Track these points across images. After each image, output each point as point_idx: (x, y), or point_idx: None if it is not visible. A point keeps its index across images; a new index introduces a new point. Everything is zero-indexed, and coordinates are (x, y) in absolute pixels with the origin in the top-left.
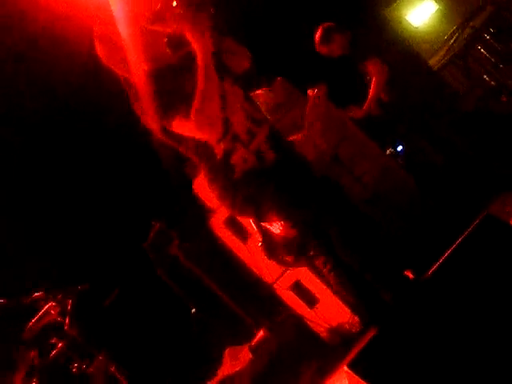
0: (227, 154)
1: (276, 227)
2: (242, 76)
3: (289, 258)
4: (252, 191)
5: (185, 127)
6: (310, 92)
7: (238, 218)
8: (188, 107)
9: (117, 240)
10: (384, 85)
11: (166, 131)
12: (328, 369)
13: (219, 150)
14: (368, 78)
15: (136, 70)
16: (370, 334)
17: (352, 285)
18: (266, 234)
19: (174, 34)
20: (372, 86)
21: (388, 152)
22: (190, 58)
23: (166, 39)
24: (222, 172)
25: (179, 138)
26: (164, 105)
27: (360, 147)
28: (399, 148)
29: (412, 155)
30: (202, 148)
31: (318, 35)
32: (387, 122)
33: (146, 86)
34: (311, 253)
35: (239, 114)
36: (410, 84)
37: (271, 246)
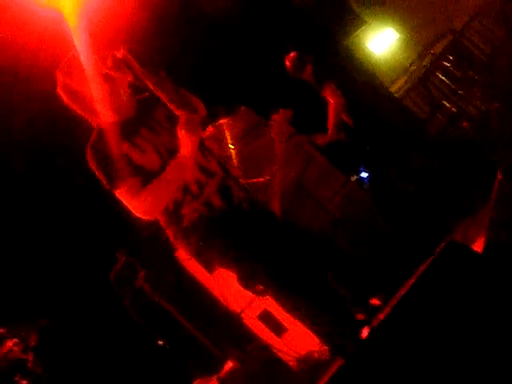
0: (177, 205)
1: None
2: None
3: (260, 287)
4: (202, 239)
5: (128, 201)
6: (275, 117)
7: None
8: (139, 183)
9: (82, 273)
10: (342, 109)
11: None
12: None
13: (170, 201)
14: (327, 104)
15: (104, 119)
16: (337, 364)
17: (320, 314)
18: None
19: (133, 83)
20: (330, 111)
21: (353, 179)
22: (148, 110)
23: (128, 89)
24: (172, 221)
25: None
26: (116, 168)
27: (323, 174)
28: (364, 175)
29: (377, 182)
30: None
31: (290, 62)
32: (352, 148)
33: (111, 136)
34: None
35: (191, 165)
36: (373, 111)
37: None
